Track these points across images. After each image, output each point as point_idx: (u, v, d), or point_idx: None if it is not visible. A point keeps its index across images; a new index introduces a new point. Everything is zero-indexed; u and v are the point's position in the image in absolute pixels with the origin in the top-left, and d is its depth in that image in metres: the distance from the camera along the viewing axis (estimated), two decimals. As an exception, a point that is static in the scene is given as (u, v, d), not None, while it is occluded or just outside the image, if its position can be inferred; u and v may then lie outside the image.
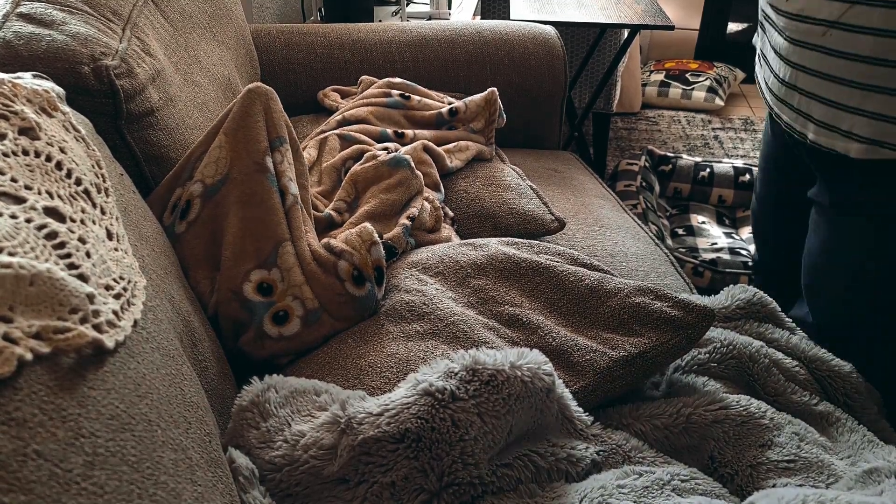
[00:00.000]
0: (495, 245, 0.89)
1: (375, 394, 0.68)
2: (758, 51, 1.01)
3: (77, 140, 0.56)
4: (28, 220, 0.43)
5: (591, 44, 2.29)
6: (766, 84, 0.96)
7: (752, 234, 1.21)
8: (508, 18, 1.89)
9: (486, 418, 0.57)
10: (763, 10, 0.93)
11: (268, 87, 0.84)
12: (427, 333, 0.75)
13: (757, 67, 1.02)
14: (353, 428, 0.57)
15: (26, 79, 0.55)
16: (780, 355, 0.83)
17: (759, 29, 0.98)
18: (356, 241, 0.81)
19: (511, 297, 0.81)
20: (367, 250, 0.81)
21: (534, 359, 0.61)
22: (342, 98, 1.36)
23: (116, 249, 0.51)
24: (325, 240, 0.83)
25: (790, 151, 0.99)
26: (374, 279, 0.80)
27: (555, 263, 0.84)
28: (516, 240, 0.91)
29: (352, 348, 0.76)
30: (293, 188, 0.82)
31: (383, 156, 1.02)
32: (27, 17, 0.74)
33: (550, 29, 1.50)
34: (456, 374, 0.59)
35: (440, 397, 0.57)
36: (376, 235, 0.82)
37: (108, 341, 0.42)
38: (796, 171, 1.01)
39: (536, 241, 0.91)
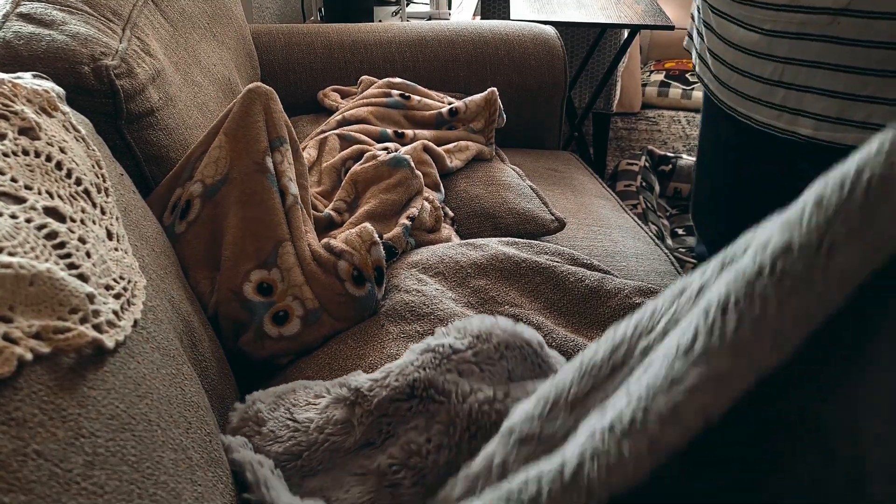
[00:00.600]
0: (495, 245, 0.88)
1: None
2: (697, 52, 0.97)
3: (77, 140, 0.56)
4: (28, 220, 0.43)
5: (591, 44, 2.29)
6: (727, 85, 0.90)
7: (693, 225, 1.18)
8: (508, 18, 1.89)
9: (484, 366, 0.60)
10: (710, 6, 0.87)
11: (268, 87, 0.83)
12: (427, 334, 0.75)
13: (698, 67, 0.97)
14: (364, 395, 0.59)
15: (26, 79, 0.55)
16: (780, 355, 0.83)
17: (704, 28, 0.92)
18: (356, 241, 0.81)
19: (511, 298, 0.81)
20: (367, 250, 0.81)
21: (504, 321, 0.65)
22: (342, 98, 1.36)
23: (116, 249, 0.51)
24: (325, 240, 0.83)
25: (744, 138, 0.94)
26: (374, 279, 0.80)
27: (555, 263, 0.84)
28: (516, 240, 0.91)
29: (352, 348, 0.76)
30: (293, 188, 0.82)
31: (383, 156, 1.02)
32: (27, 17, 0.74)
33: (550, 29, 1.50)
34: (448, 334, 0.63)
35: (441, 350, 0.60)
36: (376, 235, 0.82)
37: (108, 341, 0.42)
38: (747, 156, 0.97)
39: (536, 241, 0.91)
